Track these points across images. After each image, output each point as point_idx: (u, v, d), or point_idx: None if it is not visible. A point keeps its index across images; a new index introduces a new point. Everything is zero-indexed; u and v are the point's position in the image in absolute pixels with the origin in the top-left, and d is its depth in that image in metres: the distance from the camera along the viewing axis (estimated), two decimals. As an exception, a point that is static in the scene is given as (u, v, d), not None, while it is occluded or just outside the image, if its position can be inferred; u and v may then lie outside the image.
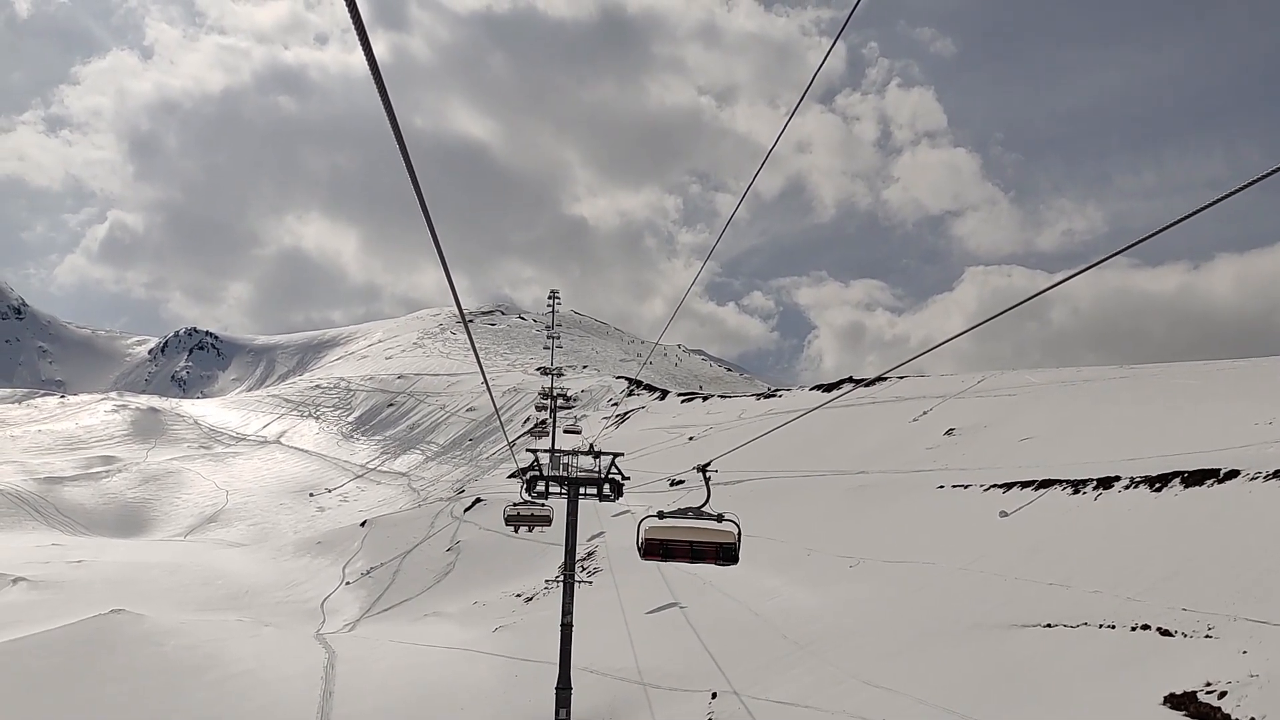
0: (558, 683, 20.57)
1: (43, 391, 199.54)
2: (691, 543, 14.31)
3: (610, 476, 21.31)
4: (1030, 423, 42.21)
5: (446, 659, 29.21)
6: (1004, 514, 28.77)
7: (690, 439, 69.60)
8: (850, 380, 63.48)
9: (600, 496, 21.43)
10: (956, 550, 26.84)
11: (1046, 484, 29.61)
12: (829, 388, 66.27)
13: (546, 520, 22.83)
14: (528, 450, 24.04)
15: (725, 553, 14.51)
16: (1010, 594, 21.12)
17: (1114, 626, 17.15)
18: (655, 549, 14.34)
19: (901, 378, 63.39)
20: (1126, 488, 25.77)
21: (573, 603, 21.08)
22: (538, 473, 21.08)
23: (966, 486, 34.54)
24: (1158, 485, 24.95)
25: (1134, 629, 16.70)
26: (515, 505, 24.06)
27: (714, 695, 20.96)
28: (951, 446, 43.14)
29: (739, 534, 14.59)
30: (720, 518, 14.53)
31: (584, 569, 40.29)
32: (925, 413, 51.90)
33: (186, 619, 38.90)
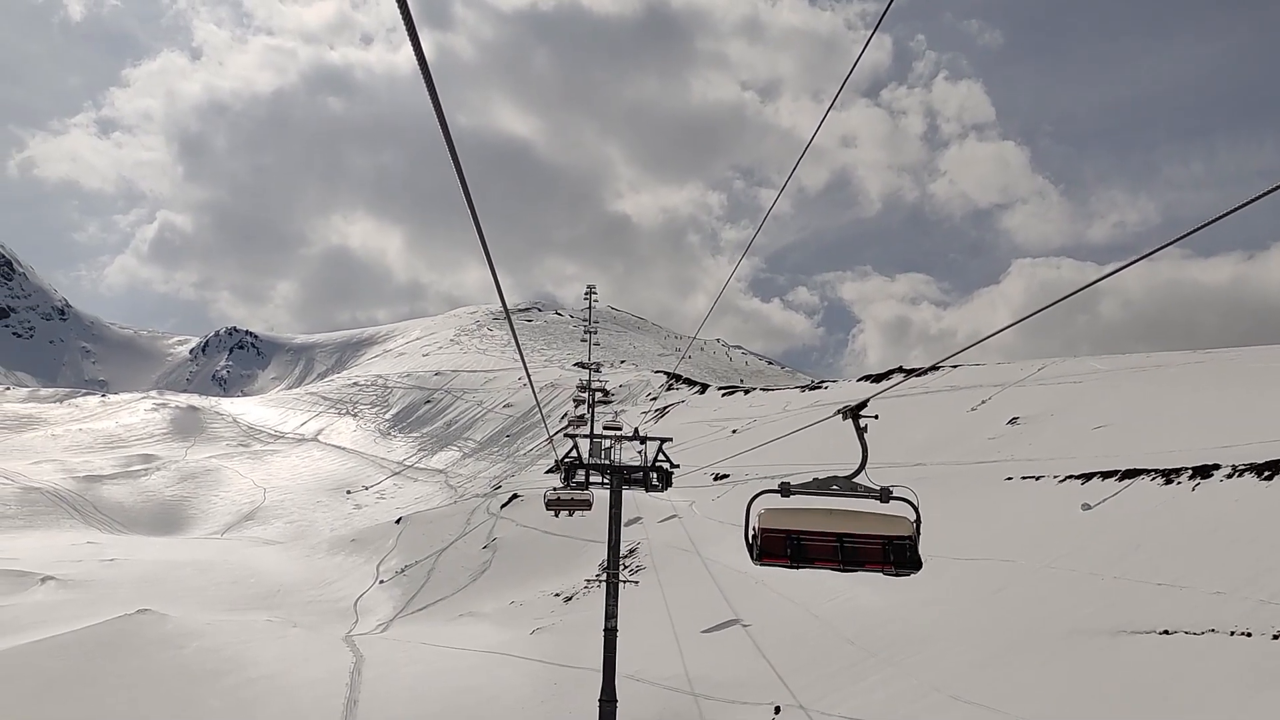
0: (601, 693, 18.49)
1: (85, 391, 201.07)
2: (842, 538, 8.80)
3: (658, 464, 19.17)
4: (1102, 410, 39.47)
5: (481, 664, 27.23)
6: (1087, 506, 26.25)
7: (734, 432, 67.26)
8: (901, 370, 60.93)
9: (646, 487, 19.30)
10: (1036, 547, 24.41)
11: (1132, 474, 27.04)
12: (878, 378, 63.71)
13: (587, 504, 20.76)
14: (566, 435, 21.99)
15: (899, 554, 8.89)
16: (1111, 596, 18.70)
17: (1249, 634, 14.72)
18: (777, 547, 8.82)
19: (955, 366, 60.66)
20: (1229, 476, 23.19)
21: (617, 605, 18.98)
22: (577, 459, 18.97)
23: (1038, 478, 31.99)
24: (1267, 474, 22.36)
25: (1276, 637, 14.26)
26: (556, 489, 22.02)
27: (777, 710, 18.74)
28: (1016, 436, 40.51)
29: (918, 522, 9.00)
30: (886, 494, 8.59)
31: (625, 567, 38.21)
32: (984, 402, 49.21)
33: (213, 619, 37.36)
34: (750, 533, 9.04)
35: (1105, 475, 28.13)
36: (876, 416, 8.99)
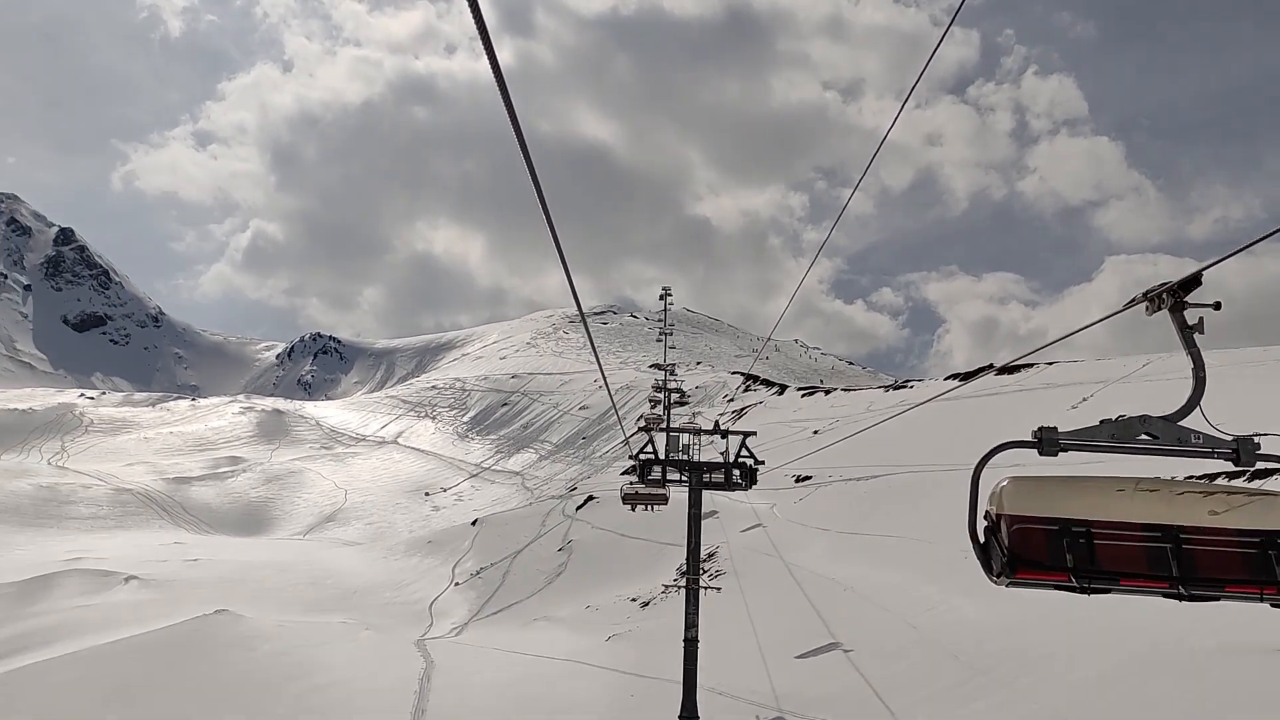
0: (682, 709, 17.01)
1: (176, 395, 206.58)
2: (1178, 535, 4.63)
3: (740, 460, 17.61)
4: (1217, 406, 36.57)
5: (554, 672, 25.95)
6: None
7: (815, 432, 65.18)
8: (992, 366, 58.22)
9: (728, 484, 17.76)
10: (1158, 553, 22.24)
11: (1265, 473, 24.60)
12: (967, 376, 61.07)
13: (663, 499, 19.32)
14: (640, 428, 20.61)
15: None
16: (1252, 610, 16.56)
17: None
18: (1043, 552, 4.61)
19: (1050, 363, 57.73)
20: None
21: (697, 613, 17.48)
22: (653, 455, 17.51)
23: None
24: None
25: None
26: (633, 483, 20.63)
27: (875, 731, 17.04)
28: (1124, 435, 37.90)
29: None
30: (1250, 450, 4.85)
31: (705, 572, 36.64)
32: (1085, 399, 46.45)
33: (287, 620, 36.84)
34: (986, 523, 4.85)
35: (1232, 475, 25.70)
36: (1218, 304, 4.88)
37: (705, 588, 18.16)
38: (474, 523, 66.83)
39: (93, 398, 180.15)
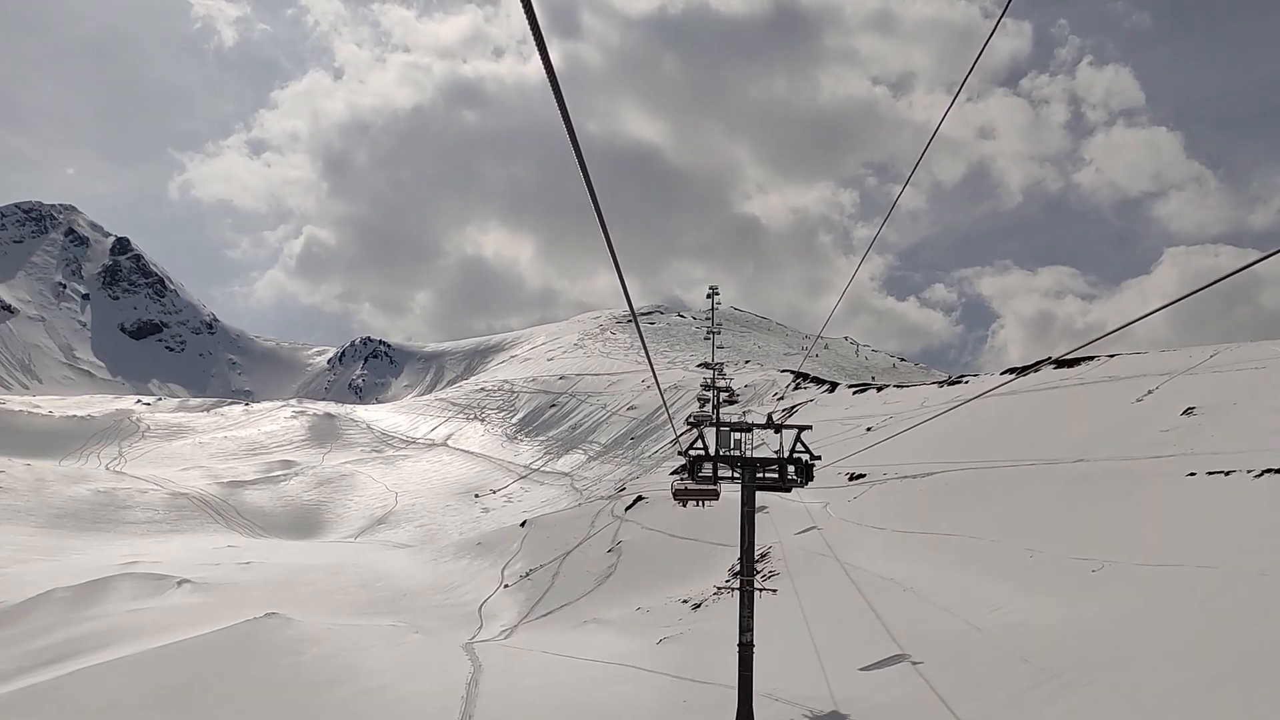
0: (738, 717, 16.21)
1: (230, 400, 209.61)
2: None
3: (795, 456, 16.77)
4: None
5: (604, 676, 25.25)
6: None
7: (868, 429, 63.88)
8: (1050, 360, 56.42)
9: (783, 480, 16.94)
10: (1240, 550, 20.98)
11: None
12: (1023, 370, 59.32)
13: (714, 494, 18.51)
14: (688, 423, 19.82)
15: None
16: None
17: None
18: None
19: (1111, 355, 55.89)
20: None
21: (752, 616, 16.69)
22: (703, 451, 16.74)
23: (1228, 473, 28.21)
24: None
25: None
26: (682, 479, 19.87)
27: (944, 740, 16.09)
28: (1194, 427, 36.33)
29: None
30: None
31: (758, 573, 35.76)
32: (1150, 392, 44.77)
33: (336, 624, 36.57)
34: None
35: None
36: None
37: (759, 589, 17.35)
38: (523, 524, 66.48)
39: (149, 404, 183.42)
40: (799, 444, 16.81)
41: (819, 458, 16.93)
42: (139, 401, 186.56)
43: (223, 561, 64.98)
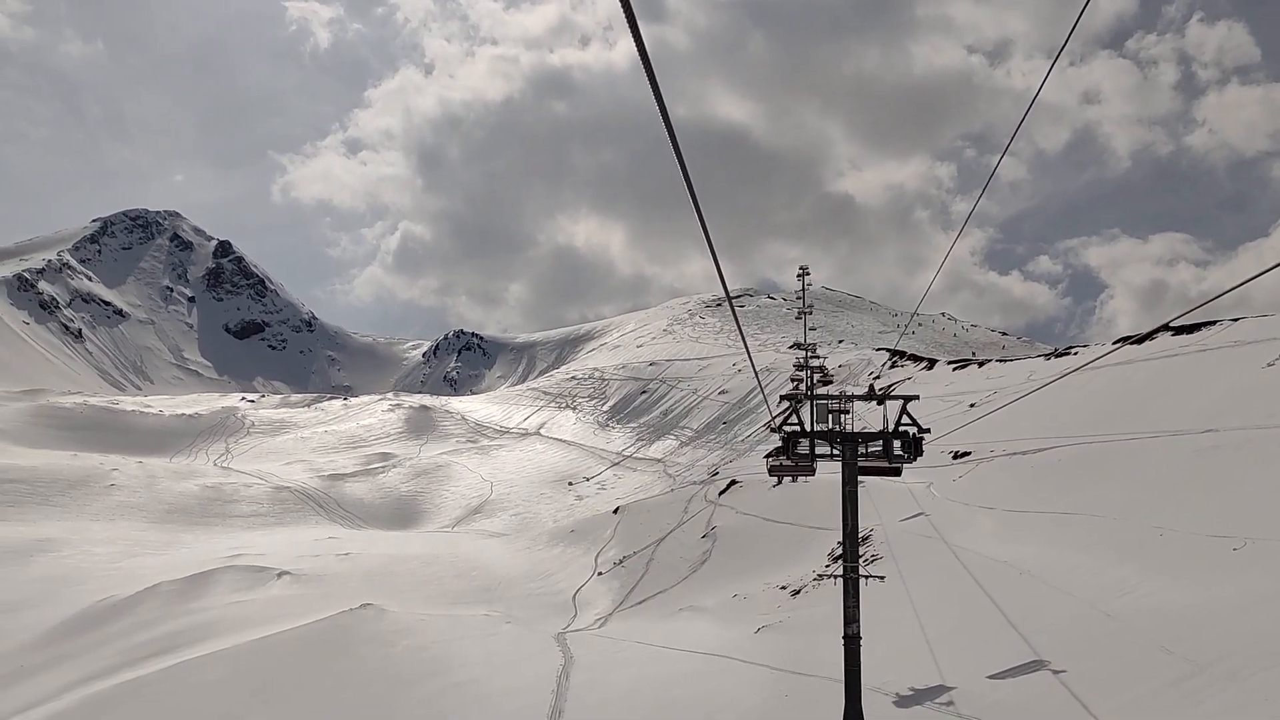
0: (845, 716, 14.81)
1: (330, 395, 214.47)
2: None
3: (902, 429, 15.23)
4: None
5: (698, 669, 24.01)
6: None
7: (971, 405, 61.23)
8: (1167, 327, 53.04)
9: (889, 460, 15.41)
10: None
11: None
12: (1139, 340, 55.96)
13: (810, 470, 17.07)
14: (782, 397, 18.39)
15: None
16: None
17: None
18: None
19: (1235, 319, 52.27)
20: None
21: (858, 606, 15.25)
22: (798, 427, 15.32)
23: (1385, 440, 25.55)
24: None
25: None
26: (778, 454, 18.47)
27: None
28: (1337, 392, 33.34)
29: None
30: None
31: (860, 557, 34.05)
32: (1283, 355, 41.49)
33: (428, 614, 36.18)
34: None
35: None
36: None
37: (865, 577, 15.88)
38: (615, 511, 65.69)
39: (253, 401, 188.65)
40: (905, 416, 15.27)
41: (928, 430, 15.34)
42: (243, 399, 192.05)
43: (323, 553, 65.71)
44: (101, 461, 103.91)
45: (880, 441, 15.22)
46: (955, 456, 47.13)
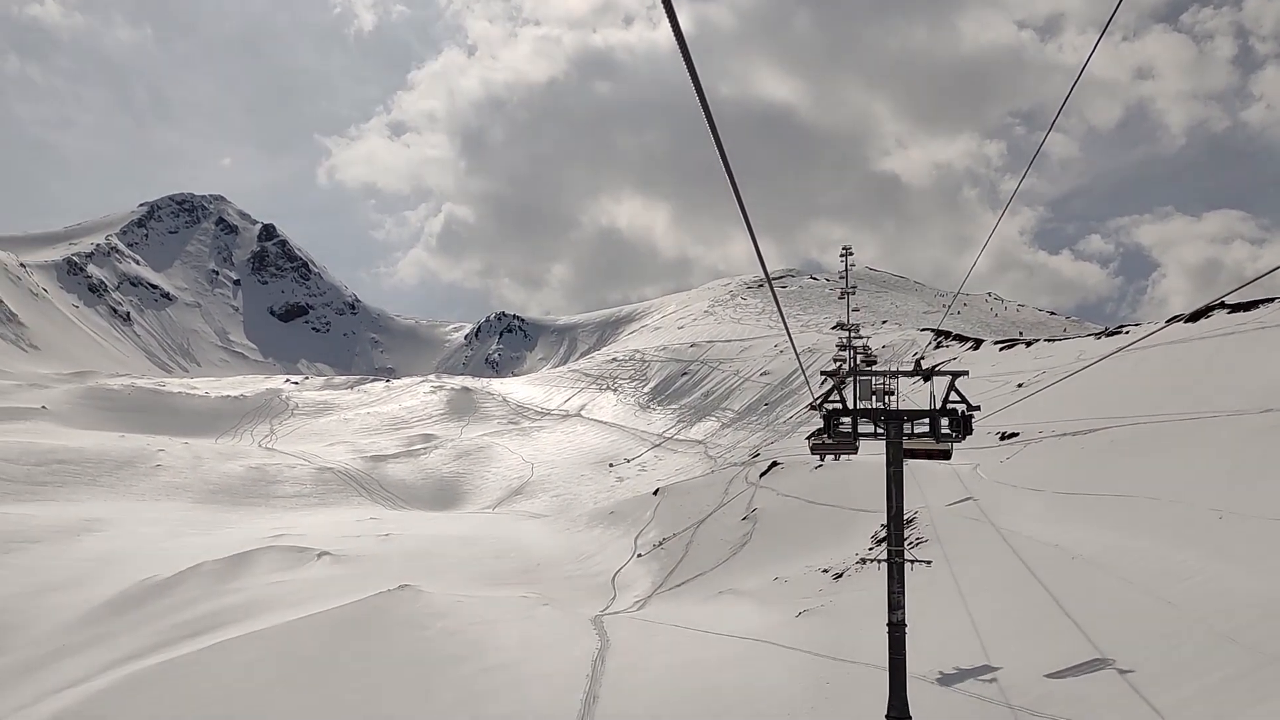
0: (890, 709, 14.12)
1: (373, 378, 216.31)
2: None
3: (950, 406, 14.43)
4: None
5: (737, 654, 23.41)
6: None
7: (1019, 385, 59.82)
8: (1223, 304, 51.18)
9: (937, 442, 14.63)
10: None
11: None
12: (1193, 317, 54.20)
13: (853, 447, 16.33)
14: (822, 373, 17.62)
15: None
16: None
17: None
18: None
19: (1296, 295, 50.41)
20: None
21: (903, 592, 14.52)
22: (840, 404, 14.58)
23: None
24: None
25: None
26: (820, 434, 17.71)
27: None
28: None
29: None
30: None
31: (905, 540, 33.19)
32: (1348, 332, 39.87)
33: (465, 596, 35.90)
34: None
35: None
36: None
37: (911, 561, 15.14)
38: (655, 492, 65.20)
39: (297, 383, 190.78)
40: (953, 392, 14.47)
41: (978, 408, 14.53)
42: (288, 381, 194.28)
43: (363, 534, 65.99)
44: (148, 442, 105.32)
45: (927, 420, 14.44)
46: (1003, 438, 45.98)
